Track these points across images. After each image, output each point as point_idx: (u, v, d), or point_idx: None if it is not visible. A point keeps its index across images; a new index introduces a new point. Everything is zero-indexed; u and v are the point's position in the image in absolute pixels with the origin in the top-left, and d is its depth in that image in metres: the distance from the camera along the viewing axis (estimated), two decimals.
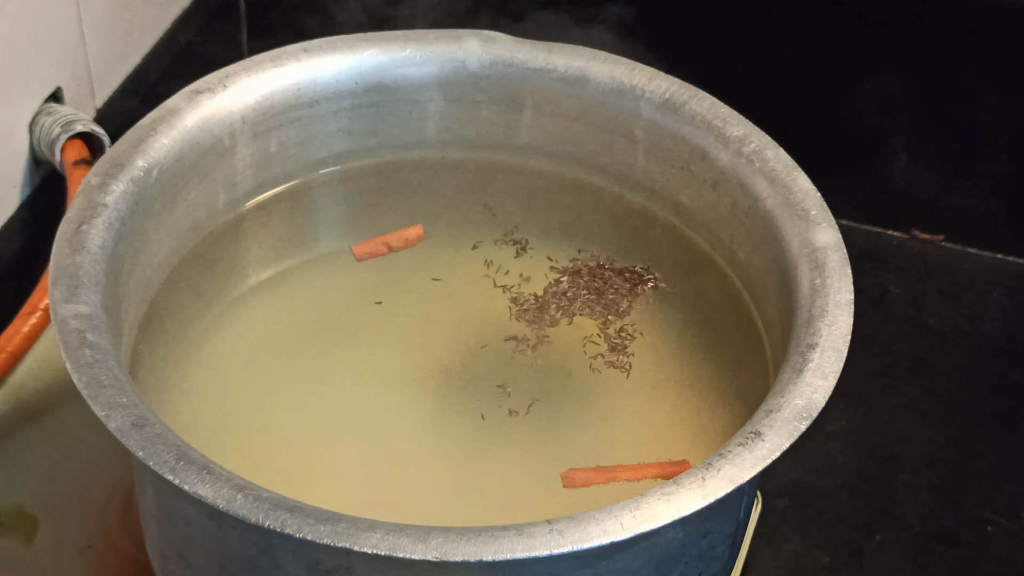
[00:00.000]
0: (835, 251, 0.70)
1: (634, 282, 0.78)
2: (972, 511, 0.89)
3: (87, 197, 0.70)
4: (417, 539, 0.56)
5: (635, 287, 0.78)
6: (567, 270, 0.79)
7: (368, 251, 0.79)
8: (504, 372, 0.74)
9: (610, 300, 0.77)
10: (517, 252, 0.80)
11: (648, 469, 0.70)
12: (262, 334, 0.76)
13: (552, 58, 0.81)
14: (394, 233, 0.80)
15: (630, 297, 0.77)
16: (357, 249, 0.79)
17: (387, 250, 0.79)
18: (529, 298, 0.78)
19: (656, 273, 0.79)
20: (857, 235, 1.07)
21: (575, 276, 0.79)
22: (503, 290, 0.78)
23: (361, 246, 0.79)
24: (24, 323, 0.85)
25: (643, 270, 0.79)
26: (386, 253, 0.79)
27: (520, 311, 0.77)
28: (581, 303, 0.77)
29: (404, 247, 0.79)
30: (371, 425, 0.71)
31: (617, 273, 0.78)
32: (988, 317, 1.03)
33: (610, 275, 0.78)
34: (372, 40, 0.82)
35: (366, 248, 0.79)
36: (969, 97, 1.04)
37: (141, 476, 0.67)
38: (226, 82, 0.78)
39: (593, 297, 0.77)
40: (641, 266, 0.79)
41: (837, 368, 0.64)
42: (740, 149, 0.76)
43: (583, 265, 0.79)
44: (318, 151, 0.83)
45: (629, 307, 0.77)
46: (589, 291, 0.78)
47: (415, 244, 0.80)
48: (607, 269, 0.79)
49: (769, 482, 0.87)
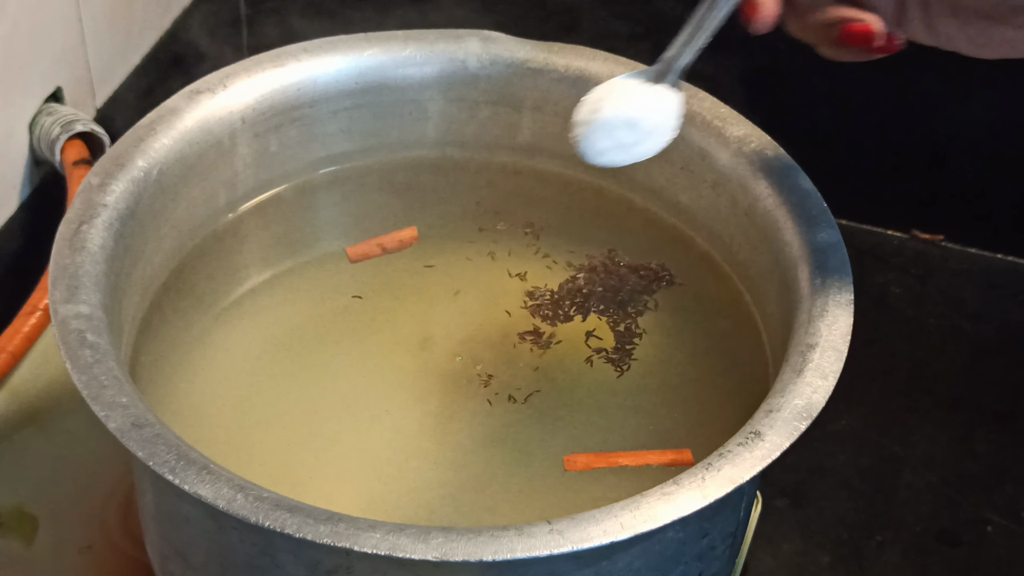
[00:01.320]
0: (835, 251, 0.70)
1: (649, 279, 0.78)
2: (972, 511, 0.89)
3: (87, 197, 0.70)
4: (417, 539, 0.56)
5: (650, 284, 0.78)
6: (584, 267, 0.79)
7: (362, 253, 0.79)
8: (505, 370, 0.74)
9: (625, 298, 0.77)
10: (516, 249, 0.80)
11: (649, 456, 0.70)
12: (262, 334, 0.76)
13: (552, 58, 0.81)
14: (388, 235, 0.80)
15: (646, 294, 0.77)
16: (351, 251, 0.79)
17: (381, 252, 0.79)
18: (545, 293, 0.78)
19: (671, 270, 0.79)
20: (857, 235, 1.07)
21: (591, 272, 0.79)
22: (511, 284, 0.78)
23: (355, 248, 0.79)
24: (24, 323, 0.85)
25: (658, 267, 0.79)
26: (380, 255, 0.79)
27: (535, 306, 0.77)
28: (596, 299, 0.77)
29: (398, 248, 0.80)
30: (371, 425, 0.71)
31: (632, 270, 0.78)
32: (988, 317, 1.03)
33: (625, 272, 0.78)
34: (372, 40, 0.82)
35: (360, 250, 0.79)
36: (969, 97, 1.04)
37: (141, 476, 0.67)
38: (226, 82, 0.78)
39: (609, 295, 0.77)
40: (656, 263, 0.79)
41: (837, 368, 0.64)
42: (740, 149, 0.76)
43: (599, 262, 0.79)
44: (318, 151, 0.83)
45: (644, 307, 0.77)
46: (605, 288, 0.78)
47: (409, 246, 0.80)
48: (623, 266, 0.79)
49: (769, 482, 0.87)
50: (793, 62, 1.08)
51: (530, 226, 0.82)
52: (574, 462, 0.70)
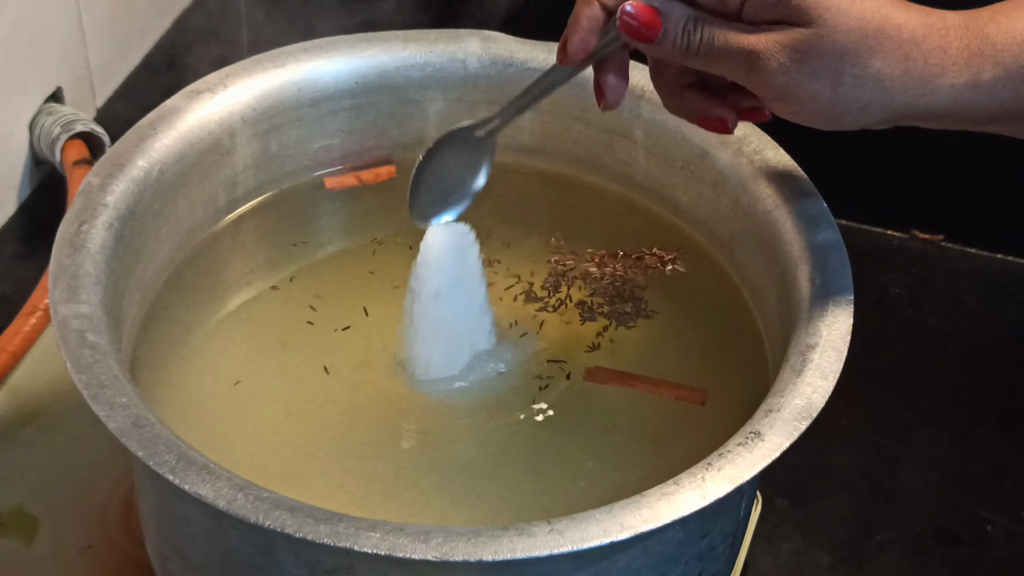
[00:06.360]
0: (835, 251, 0.70)
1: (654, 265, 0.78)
2: (972, 511, 0.89)
3: (87, 197, 0.70)
4: (417, 539, 0.56)
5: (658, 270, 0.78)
6: (584, 267, 0.79)
7: (338, 183, 0.83)
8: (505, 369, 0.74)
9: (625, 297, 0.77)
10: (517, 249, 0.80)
11: (665, 387, 0.72)
12: (262, 334, 0.76)
13: (552, 58, 0.81)
14: (368, 170, 0.83)
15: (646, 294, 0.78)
16: (329, 181, 0.82)
17: (357, 182, 0.82)
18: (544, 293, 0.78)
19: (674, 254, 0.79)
20: (857, 235, 1.07)
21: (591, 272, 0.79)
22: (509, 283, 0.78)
23: (333, 179, 0.82)
24: (24, 323, 0.85)
25: (662, 252, 0.79)
26: (356, 185, 0.82)
27: (528, 299, 0.77)
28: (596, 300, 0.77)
29: (374, 181, 0.83)
30: (372, 424, 0.71)
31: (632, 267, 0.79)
32: (988, 317, 1.03)
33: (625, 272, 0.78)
34: (372, 40, 0.82)
35: (338, 180, 0.83)
36: None
37: (141, 476, 0.67)
38: (226, 82, 0.78)
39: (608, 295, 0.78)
40: (658, 249, 0.79)
41: (837, 368, 0.64)
42: (740, 149, 0.76)
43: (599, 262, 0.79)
44: (318, 151, 0.83)
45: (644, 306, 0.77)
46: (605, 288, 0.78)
47: (385, 180, 0.83)
48: (623, 266, 0.79)
49: (769, 482, 0.87)
50: None
51: (530, 226, 0.82)
52: (594, 375, 0.73)
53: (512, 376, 0.74)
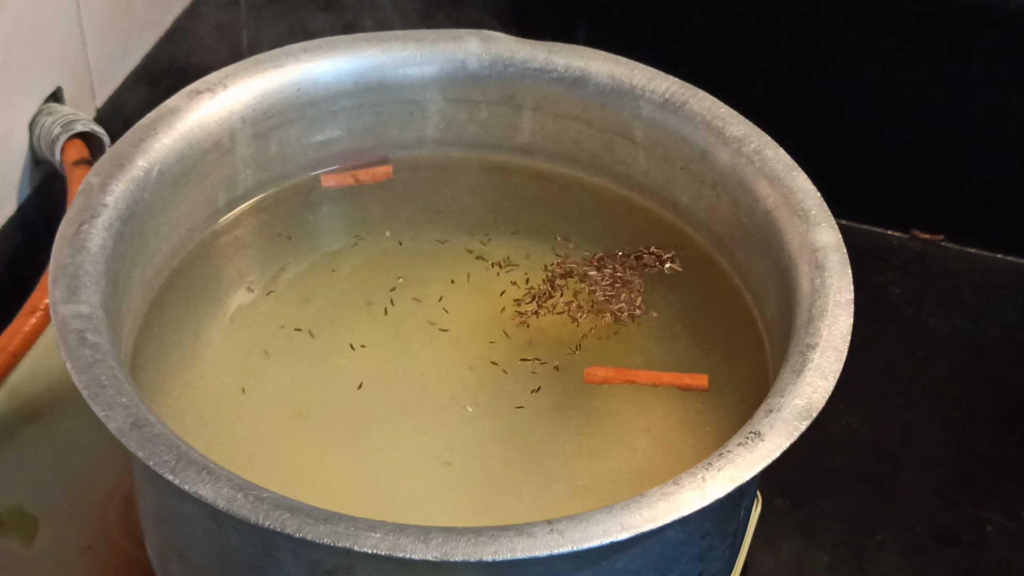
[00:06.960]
0: (835, 251, 0.70)
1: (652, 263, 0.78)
2: (972, 511, 0.89)
3: (87, 197, 0.70)
4: (417, 539, 0.56)
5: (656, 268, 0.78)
6: (583, 267, 0.79)
7: (336, 181, 0.82)
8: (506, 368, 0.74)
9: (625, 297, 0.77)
10: (516, 249, 0.80)
11: (665, 376, 0.73)
12: (262, 334, 0.76)
13: (552, 58, 0.81)
14: (364, 170, 0.83)
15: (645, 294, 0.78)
16: (325, 178, 0.82)
17: (354, 182, 0.82)
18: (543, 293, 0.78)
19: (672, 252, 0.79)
20: (857, 235, 1.07)
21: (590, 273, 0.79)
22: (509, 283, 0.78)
23: (329, 176, 0.82)
24: (24, 323, 0.85)
25: (659, 251, 0.79)
26: (352, 184, 0.82)
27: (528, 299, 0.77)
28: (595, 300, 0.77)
29: (371, 181, 0.82)
30: (373, 424, 0.71)
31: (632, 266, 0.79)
32: (988, 317, 1.03)
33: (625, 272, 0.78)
34: (372, 40, 0.82)
35: (335, 178, 0.82)
36: (969, 97, 1.04)
37: (141, 476, 0.67)
38: (226, 82, 0.78)
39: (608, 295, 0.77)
40: (656, 248, 0.79)
41: (837, 368, 0.64)
42: (740, 149, 0.76)
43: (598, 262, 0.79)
44: (318, 151, 0.83)
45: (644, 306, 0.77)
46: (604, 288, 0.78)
47: (383, 180, 0.82)
48: (622, 267, 0.79)
49: (769, 482, 0.87)
50: (794, 62, 1.08)
51: (530, 226, 0.82)
52: (593, 375, 0.73)
53: (511, 376, 0.74)
